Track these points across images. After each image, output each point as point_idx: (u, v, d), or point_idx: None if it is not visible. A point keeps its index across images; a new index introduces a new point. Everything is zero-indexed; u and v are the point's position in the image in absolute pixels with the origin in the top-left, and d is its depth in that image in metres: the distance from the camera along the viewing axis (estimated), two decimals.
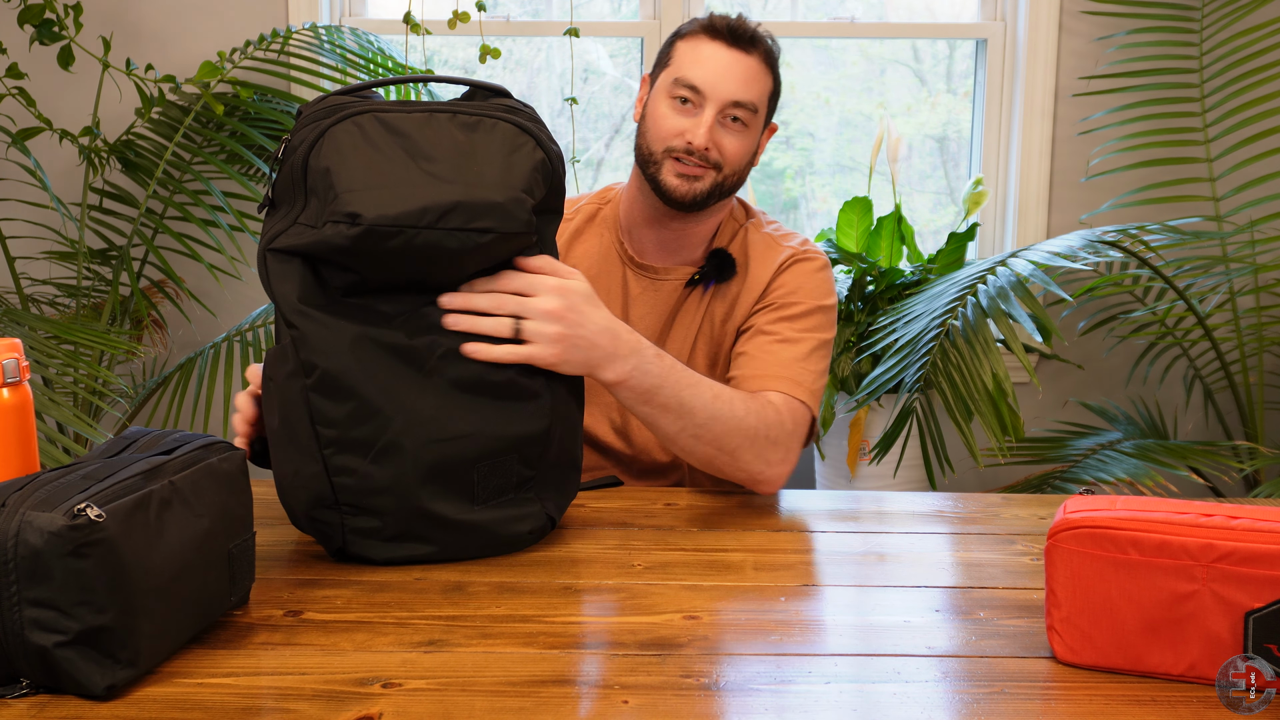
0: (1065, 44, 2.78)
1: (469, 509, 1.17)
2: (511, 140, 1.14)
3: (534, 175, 1.14)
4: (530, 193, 1.13)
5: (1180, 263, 2.64)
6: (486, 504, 1.18)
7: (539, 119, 1.19)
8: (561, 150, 1.22)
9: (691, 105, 1.48)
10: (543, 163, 1.15)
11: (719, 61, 1.48)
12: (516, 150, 1.14)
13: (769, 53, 1.52)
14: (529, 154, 1.14)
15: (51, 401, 1.94)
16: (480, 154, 1.12)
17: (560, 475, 1.24)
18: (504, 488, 1.19)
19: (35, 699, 0.88)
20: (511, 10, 2.88)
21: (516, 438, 1.17)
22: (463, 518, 1.17)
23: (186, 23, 2.77)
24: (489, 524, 1.19)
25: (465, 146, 1.12)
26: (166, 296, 2.71)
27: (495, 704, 0.89)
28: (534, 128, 1.16)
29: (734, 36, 1.49)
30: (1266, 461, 2.44)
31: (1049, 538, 0.97)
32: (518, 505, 1.20)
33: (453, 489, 1.16)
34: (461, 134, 1.13)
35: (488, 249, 1.12)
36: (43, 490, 0.89)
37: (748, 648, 1.00)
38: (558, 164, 1.18)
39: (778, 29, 2.88)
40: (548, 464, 1.21)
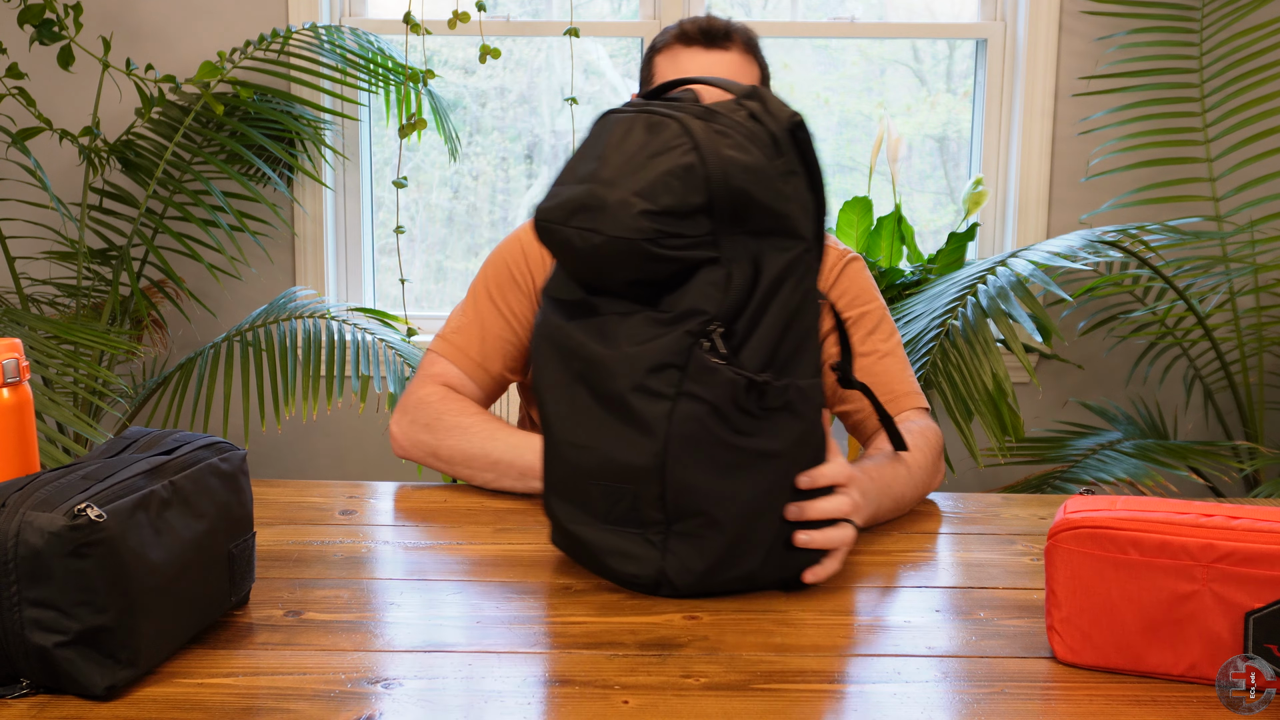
0: (1065, 44, 2.78)
1: (590, 522, 1.10)
2: (667, 141, 1.04)
3: (666, 180, 1.02)
4: (650, 197, 1.02)
5: (1180, 263, 2.64)
6: (609, 525, 1.09)
7: (736, 124, 1.04)
8: (761, 161, 1.03)
9: None
10: (689, 168, 1.02)
11: (699, 66, 1.47)
12: (665, 152, 1.03)
13: (747, 42, 1.51)
14: (675, 157, 1.02)
15: (51, 401, 1.94)
16: (632, 153, 1.05)
17: (698, 538, 1.06)
18: (627, 518, 1.08)
19: (35, 699, 0.88)
20: (511, 10, 2.88)
21: (624, 465, 1.06)
22: (576, 529, 1.12)
23: (186, 23, 2.77)
24: (598, 545, 1.10)
25: (631, 146, 1.06)
26: (166, 296, 2.71)
27: (496, 704, 0.89)
28: (706, 130, 1.03)
29: (708, 38, 1.48)
30: (1266, 461, 2.44)
31: (1049, 538, 0.97)
32: (634, 543, 1.08)
33: (575, 499, 1.11)
34: (642, 133, 1.06)
35: (609, 252, 1.03)
36: (43, 490, 0.89)
37: (748, 648, 1.00)
38: (733, 171, 1.02)
39: (778, 29, 2.88)
40: (678, 512, 1.06)
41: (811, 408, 1.08)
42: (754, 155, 1.03)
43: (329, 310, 2.48)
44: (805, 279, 1.06)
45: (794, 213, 1.05)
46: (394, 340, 2.46)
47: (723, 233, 1.03)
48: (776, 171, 1.04)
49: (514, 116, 3.00)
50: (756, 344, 1.04)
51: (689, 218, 1.03)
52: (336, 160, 2.84)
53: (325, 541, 1.26)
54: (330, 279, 2.88)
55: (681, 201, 1.02)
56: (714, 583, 1.08)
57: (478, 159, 3.02)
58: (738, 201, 1.02)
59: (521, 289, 1.56)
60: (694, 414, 1.03)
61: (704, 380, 1.03)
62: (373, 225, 2.97)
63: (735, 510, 1.05)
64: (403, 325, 2.57)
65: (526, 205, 3.04)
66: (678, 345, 1.03)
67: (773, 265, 1.04)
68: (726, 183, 1.02)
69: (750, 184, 1.02)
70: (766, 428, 1.05)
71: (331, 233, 2.88)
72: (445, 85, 2.94)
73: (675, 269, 1.04)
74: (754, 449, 1.05)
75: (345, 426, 2.90)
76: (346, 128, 2.85)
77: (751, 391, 1.03)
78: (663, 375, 1.03)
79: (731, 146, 1.03)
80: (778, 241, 1.05)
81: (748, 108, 1.06)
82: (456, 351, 1.54)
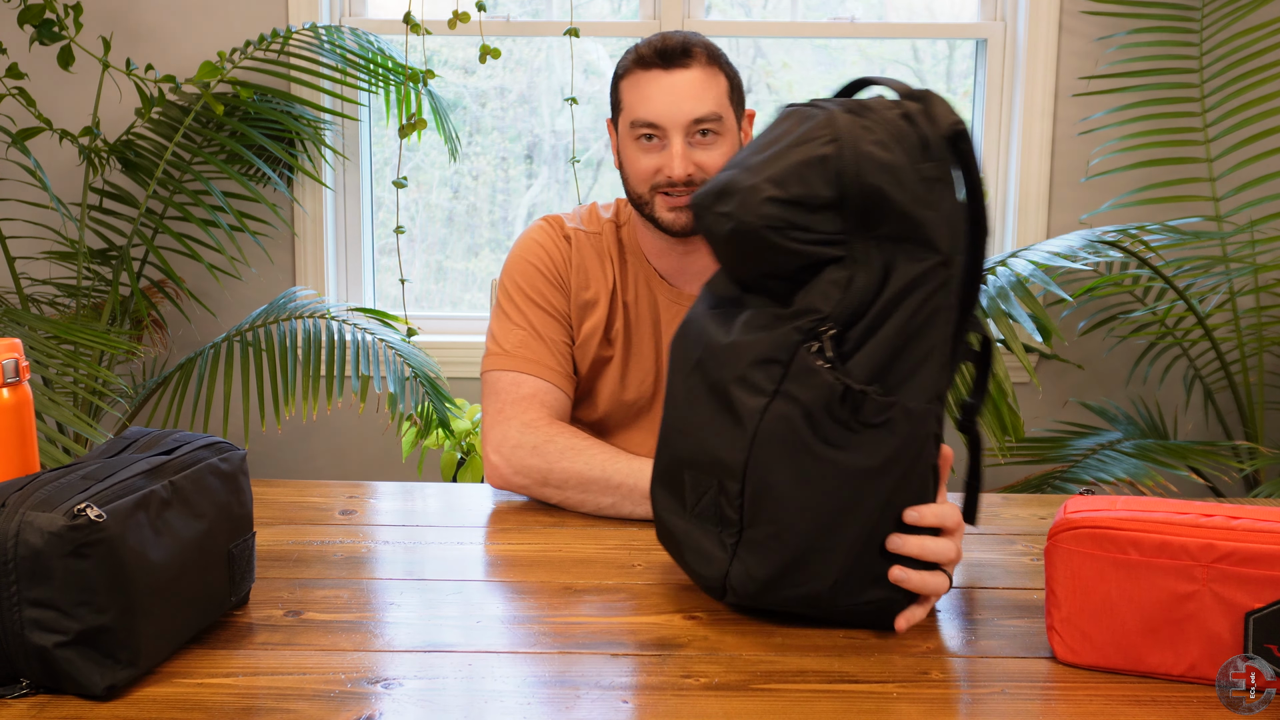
0: (1065, 44, 2.78)
1: (680, 512, 1.08)
2: (811, 132, 1.01)
3: (799, 169, 0.99)
4: (781, 184, 0.99)
5: (1180, 263, 2.64)
6: (694, 518, 1.06)
7: (885, 122, 1.00)
8: (902, 161, 0.98)
9: (657, 140, 1.47)
10: (824, 159, 0.98)
11: (661, 89, 1.45)
12: (806, 142, 1.00)
13: (709, 54, 1.48)
14: (814, 148, 0.99)
15: (51, 401, 1.94)
16: (778, 141, 1.02)
17: (765, 546, 1.02)
18: (709, 513, 1.05)
19: (35, 699, 0.88)
20: (511, 10, 2.88)
21: (714, 457, 1.03)
22: (668, 517, 1.09)
23: (186, 23, 2.77)
24: (683, 537, 1.08)
25: (780, 135, 1.04)
26: (166, 296, 2.71)
27: (496, 704, 0.89)
28: (852, 124, 1.00)
29: (666, 58, 1.46)
30: (1266, 461, 2.44)
31: (1049, 538, 0.97)
32: (711, 541, 1.05)
33: (672, 486, 1.09)
34: (794, 123, 1.03)
35: (738, 238, 1.01)
36: (43, 490, 0.89)
37: (748, 648, 1.00)
38: (868, 168, 0.98)
39: (778, 29, 2.88)
40: (753, 516, 1.02)
41: (918, 433, 1.00)
42: (895, 154, 0.98)
43: (329, 310, 2.48)
44: (937, 296, 0.99)
45: (932, 221, 0.98)
46: (394, 340, 2.46)
47: (854, 233, 0.99)
48: (919, 175, 0.98)
49: (514, 116, 3.00)
50: (869, 354, 0.99)
51: (819, 212, 0.99)
52: (336, 160, 2.84)
53: (325, 541, 1.26)
54: (330, 279, 2.88)
55: (811, 192, 0.99)
56: (777, 597, 1.03)
57: (478, 159, 3.02)
58: (871, 199, 0.98)
59: (558, 288, 1.54)
60: (785, 414, 0.99)
61: (803, 381, 0.99)
62: (373, 225, 2.97)
63: (807, 522, 1.00)
64: (403, 325, 2.56)
65: (526, 205, 3.04)
66: (785, 341, 1.00)
67: (902, 275, 0.99)
68: (860, 178, 0.97)
69: (886, 183, 0.97)
70: (859, 442, 0.99)
71: (331, 233, 2.88)
72: (445, 85, 2.94)
73: (799, 264, 1.01)
74: (839, 462, 0.99)
75: (345, 426, 2.90)
76: (346, 128, 2.85)
77: (847, 401, 0.98)
78: (765, 370, 1.00)
79: (873, 143, 0.98)
80: (911, 250, 0.99)
81: (905, 108, 1.01)
82: (537, 366, 1.49)
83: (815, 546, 1.00)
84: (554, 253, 1.56)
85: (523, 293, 1.54)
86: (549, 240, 1.57)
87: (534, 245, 1.56)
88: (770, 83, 3.03)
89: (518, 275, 1.55)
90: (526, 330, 1.52)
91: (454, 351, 2.83)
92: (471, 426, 2.57)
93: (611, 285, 1.56)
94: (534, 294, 1.54)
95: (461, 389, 2.83)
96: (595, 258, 1.56)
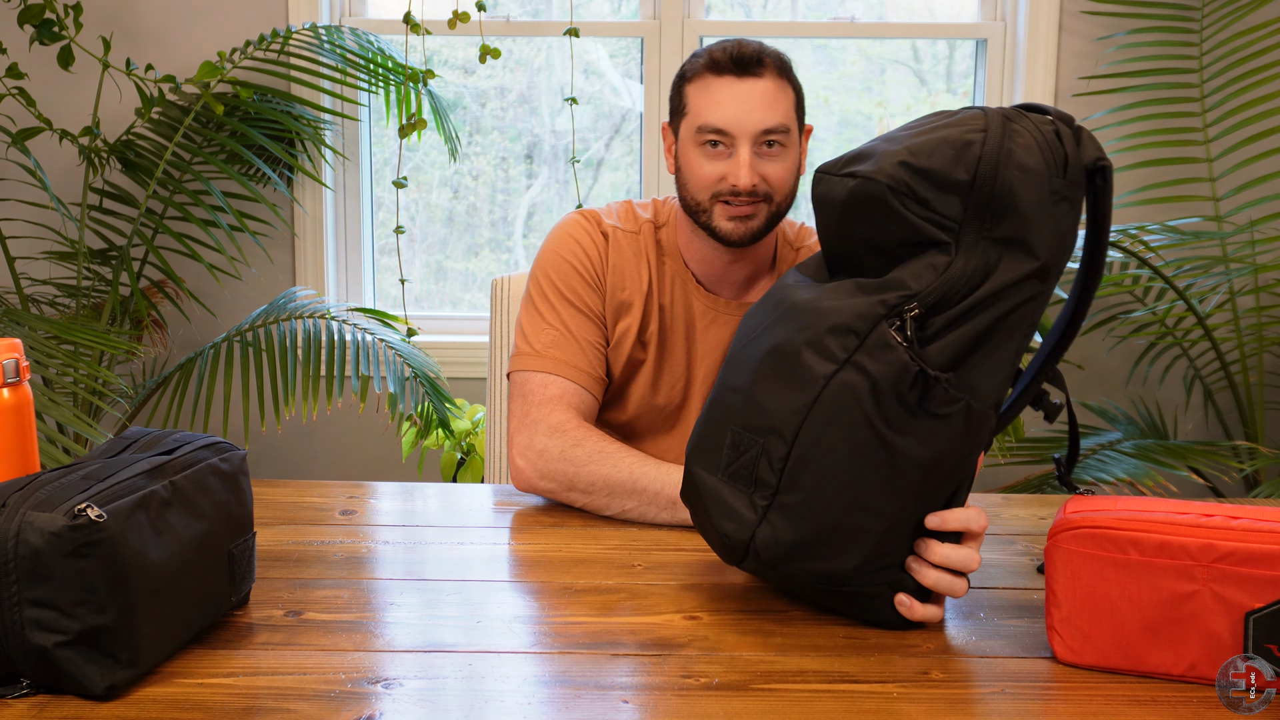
0: (1065, 44, 2.78)
1: (713, 468, 1.07)
2: (964, 121, 1.02)
3: (940, 145, 1.00)
4: (917, 154, 1.00)
5: (1180, 263, 2.64)
6: (726, 477, 1.05)
7: (1035, 130, 1.01)
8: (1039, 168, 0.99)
9: (723, 147, 1.43)
10: (967, 144, 0.99)
11: (735, 97, 1.42)
12: (955, 126, 1.01)
13: (780, 66, 1.46)
14: (961, 133, 1.00)
15: (51, 401, 1.94)
16: (930, 123, 1.04)
17: (796, 513, 1.01)
18: (744, 475, 1.04)
19: (35, 699, 0.88)
20: (511, 10, 2.88)
21: (767, 416, 1.02)
22: (698, 470, 1.08)
23: (186, 23, 2.77)
24: (710, 492, 1.06)
25: (934, 119, 1.05)
26: (166, 296, 2.71)
27: (496, 704, 0.89)
28: (1004, 124, 1.01)
29: (740, 66, 1.43)
30: (1266, 461, 2.44)
31: (1049, 538, 0.97)
32: (741, 501, 1.04)
33: (709, 443, 1.07)
34: (950, 113, 1.04)
35: (857, 197, 1.01)
36: (43, 490, 0.89)
37: (748, 648, 1.00)
38: (1006, 164, 0.98)
39: (778, 29, 2.88)
40: (794, 479, 1.01)
41: (972, 434, 1.00)
42: (1035, 160, 0.99)
43: (329, 310, 2.48)
44: (1027, 306, 1.00)
45: (1045, 229, 0.99)
46: (394, 340, 2.46)
47: (970, 224, 0.99)
48: (1050, 187, 0.99)
49: (514, 116, 3.00)
50: (949, 344, 0.99)
51: (945, 191, 0.99)
52: (336, 160, 2.84)
53: (325, 541, 1.26)
54: (330, 279, 2.88)
55: (945, 168, 0.99)
56: (798, 568, 1.02)
57: (478, 159, 3.02)
58: (999, 195, 0.98)
59: (593, 286, 1.51)
60: (852, 384, 0.99)
61: (877, 355, 0.98)
62: (373, 225, 2.97)
63: (845, 497, 1.00)
64: (403, 325, 2.56)
65: (526, 205, 3.04)
66: (868, 312, 0.99)
67: (1001, 277, 0.99)
68: (996, 171, 0.98)
69: (1018, 181, 0.98)
70: (918, 429, 0.98)
71: (331, 233, 2.88)
72: (445, 85, 2.94)
73: (907, 237, 1.00)
74: (894, 445, 0.98)
75: (345, 426, 2.90)
76: (346, 128, 2.85)
77: (917, 385, 0.98)
78: (841, 338, 1.00)
79: (1019, 145, 0.99)
80: (1018, 255, 0.99)
81: (1058, 127, 1.02)
82: (567, 367, 1.47)
83: (846, 524, 1.00)
84: (591, 250, 1.52)
85: (557, 290, 1.51)
86: (586, 237, 1.53)
87: (570, 241, 1.53)
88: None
89: (552, 271, 1.52)
90: (559, 330, 1.49)
91: (454, 351, 2.83)
92: (471, 427, 2.57)
93: (647, 287, 1.53)
94: (569, 292, 1.51)
95: (461, 389, 2.83)
96: (632, 258, 1.53)
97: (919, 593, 1.04)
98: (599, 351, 1.51)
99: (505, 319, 1.80)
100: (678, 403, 1.56)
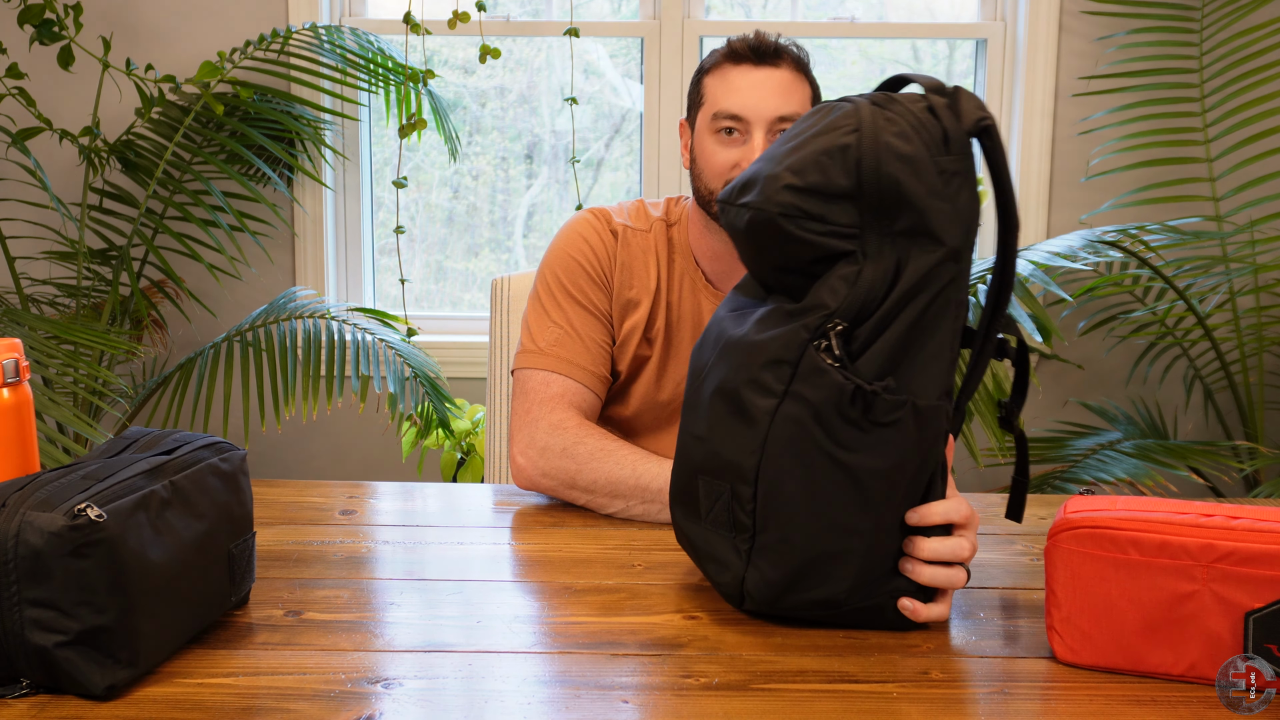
0: (1065, 44, 2.78)
1: (696, 519, 1.07)
2: (835, 123, 1.00)
3: (818, 157, 0.98)
4: (799, 173, 0.99)
5: (1180, 263, 2.64)
6: (708, 525, 1.06)
7: (908, 114, 0.99)
8: (920, 153, 0.98)
9: (738, 134, 1.44)
10: (844, 148, 0.98)
11: (751, 83, 1.43)
12: (829, 132, 1.00)
13: (798, 60, 1.47)
14: (836, 137, 0.99)
15: (51, 401, 1.94)
16: (803, 132, 1.02)
17: (778, 550, 1.01)
18: (723, 519, 1.04)
19: (35, 699, 0.88)
20: (511, 10, 2.88)
21: (726, 461, 1.02)
22: (684, 524, 1.09)
23: (186, 23, 2.77)
24: (700, 544, 1.07)
25: (807, 127, 1.03)
26: (166, 296, 2.71)
27: (496, 704, 0.89)
28: (875, 115, 0.99)
29: (758, 54, 1.45)
30: (1266, 461, 2.44)
31: (1049, 538, 0.97)
32: (725, 548, 1.04)
33: (687, 493, 1.08)
34: (821, 115, 1.03)
35: (754, 228, 1.01)
36: (43, 490, 0.89)
37: (748, 648, 1.00)
38: (886, 158, 0.97)
39: (777, 29, 2.88)
40: (766, 518, 1.01)
41: (928, 431, 0.99)
42: (914, 146, 0.97)
43: (329, 310, 2.48)
44: (947, 290, 0.98)
45: (944, 213, 0.97)
46: (394, 340, 2.46)
47: (870, 227, 0.98)
48: (937, 168, 0.97)
49: (514, 116, 3.00)
50: (879, 351, 0.98)
51: (835, 201, 0.98)
52: (336, 160, 2.84)
53: (325, 541, 1.26)
54: (330, 279, 2.88)
55: (828, 180, 0.98)
56: (793, 602, 1.02)
57: (478, 159, 3.02)
58: (888, 191, 0.97)
59: (599, 285, 1.51)
60: (796, 416, 0.98)
61: (812, 381, 0.97)
62: (373, 225, 2.97)
63: (820, 525, 0.99)
64: (403, 325, 2.57)
65: (526, 205, 3.04)
66: (792, 339, 0.99)
67: (914, 270, 0.97)
68: (878, 168, 0.97)
69: (903, 173, 0.96)
70: (870, 443, 0.98)
71: (331, 233, 2.88)
72: (445, 85, 2.94)
73: (812, 256, 1.00)
74: (851, 464, 0.98)
75: (345, 426, 2.90)
76: (346, 128, 2.85)
77: (858, 400, 0.97)
78: (775, 371, 0.99)
79: (895, 134, 0.98)
80: (924, 244, 0.98)
81: (930, 102, 1.00)
82: (568, 365, 1.47)
83: (828, 550, 1.00)
84: (599, 248, 1.53)
85: (563, 288, 1.51)
86: (594, 235, 1.53)
87: (578, 239, 1.53)
88: None
89: (559, 269, 1.52)
90: (563, 328, 1.49)
91: (454, 351, 2.83)
92: (471, 426, 2.57)
93: (655, 284, 1.53)
94: (575, 290, 1.51)
95: (461, 389, 2.83)
96: (641, 255, 1.53)
97: (921, 594, 1.03)
98: (604, 350, 1.51)
99: (505, 319, 1.80)
100: (681, 400, 1.55)
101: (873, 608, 1.03)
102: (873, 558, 1.01)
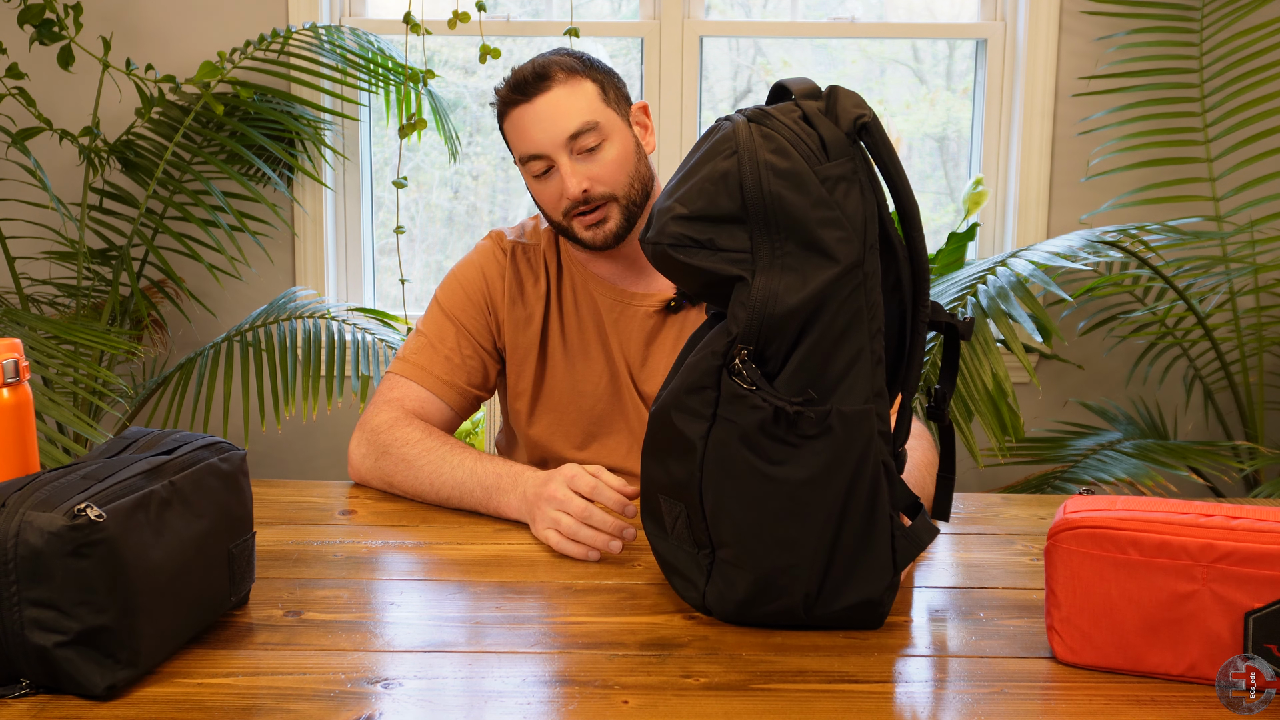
0: (1065, 44, 2.78)
1: (662, 535, 1.09)
2: (717, 147, 1.02)
3: (703, 185, 1.00)
4: (686, 202, 1.00)
5: (1180, 263, 2.64)
6: (674, 540, 1.08)
7: (783, 126, 1.00)
8: (800, 167, 0.99)
9: (551, 169, 1.46)
10: (725, 174, 0.99)
11: (531, 119, 1.45)
12: (713, 158, 1.01)
13: (565, 69, 1.46)
14: (718, 162, 1.00)
15: (51, 401, 1.94)
16: (692, 160, 1.04)
17: (734, 568, 1.03)
18: (685, 535, 1.06)
19: (35, 699, 0.88)
20: (511, 10, 2.88)
21: (676, 480, 1.04)
22: (654, 541, 1.12)
23: (186, 23, 2.77)
24: (667, 559, 1.10)
25: (695, 154, 1.05)
26: (166, 296, 2.71)
27: (495, 704, 0.90)
28: (751, 133, 1.00)
29: (523, 90, 1.45)
30: (1266, 461, 2.44)
31: (1049, 538, 0.97)
32: (690, 563, 1.07)
33: (653, 511, 1.10)
34: (707, 140, 1.04)
35: (656, 260, 1.04)
36: (43, 490, 0.89)
37: (747, 648, 1.00)
38: (767, 177, 0.98)
39: (778, 29, 2.88)
40: (719, 536, 1.03)
41: (858, 435, 0.99)
42: (793, 160, 0.98)
43: (329, 310, 2.48)
44: (854, 298, 0.99)
45: (833, 223, 0.98)
46: (394, 340, 2.46)
47: (762, 248, 0.99)
48: (819, 177, 0.98)
49: None
50: (795, 367, 0.99)
51: (724, 225, 1.00)
52: (336, 160, 2.84)
53: (325, 541, 1.26)
54: (330, 279, 2.88)
55: (712, 205, 1.00)
56: (754, 615, 1.04)
57: (478, 159, 3.02)
58: (772, 209, 0.98)
59: (480, 308, 1.55)
60: (725, 439, 1.00)
61: (735, 405, 1.00)
62: (373, 225, 2.97)
63: (764, 541, 1.01)
64: (403, 325, 2.57)
65: (526, 205, 3.04)
66: (709, 366, 1.01)
67: (815, 283, 0.98)
68: (760, 188, 0.98)
69: (785, 191, 0.97)
70: (800, 455, 0.99)
71: (331, 233, 2.88)
72: (445, 85, 2.94)
73: (711, 280, 1.01)
74: (782, 478, 0.99)
75: (345, 426, 2.90)
76: (346, 128, 2.85)
77: (781, 419, 0.98)
78: (700, 396, 1.02)
79: (772, 150, 0.98)
80: (818, 260, 0.98)
81: (804, 108, 1.01)
82: (420, 372, 1.52)
83: (779, 564, 1.01)
84: (489, 272, 1.57)
85: (439, 307, 1.57)
86: (488, 259, 1.57)
87: (469, 265, 1.58)
88: (770, 82, 3.03)
89: (443, 292, 1.59)
90: (428, 338, 1.55)
91: None
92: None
93: (545, 295, 1.56)
94: (449, 309, 1.56)
95: None
96: (531, 271, 1.57)
97: (891, 589, 1.03)
98: (467, 364, 1.54)
99: None
100: (607, 400, 1.55)
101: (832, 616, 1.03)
102: (824, 567, 1.01)
